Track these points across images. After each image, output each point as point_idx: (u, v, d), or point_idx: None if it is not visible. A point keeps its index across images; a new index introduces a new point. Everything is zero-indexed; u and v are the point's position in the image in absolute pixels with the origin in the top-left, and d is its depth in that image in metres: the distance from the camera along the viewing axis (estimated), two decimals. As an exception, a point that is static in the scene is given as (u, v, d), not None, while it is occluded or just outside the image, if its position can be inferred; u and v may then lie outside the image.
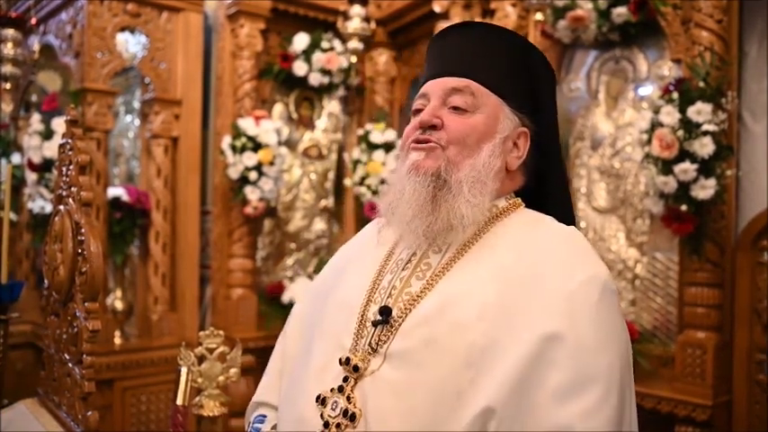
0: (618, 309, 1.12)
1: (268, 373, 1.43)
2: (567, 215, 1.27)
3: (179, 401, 1.68)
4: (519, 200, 1.27)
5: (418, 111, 1.25)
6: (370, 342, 1.15)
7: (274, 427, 1.32)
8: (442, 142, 1.18)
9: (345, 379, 1.13)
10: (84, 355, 1.51)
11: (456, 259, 1.17)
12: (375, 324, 1.16)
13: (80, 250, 1.53)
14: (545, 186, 1.30)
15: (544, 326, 1.04)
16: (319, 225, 4.62)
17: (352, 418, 1.08)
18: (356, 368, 1.12)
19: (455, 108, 1.20)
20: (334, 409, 1.11)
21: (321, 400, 1.13)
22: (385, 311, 1.15)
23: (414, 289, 1.17)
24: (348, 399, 1.10)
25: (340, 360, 1.14)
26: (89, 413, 1.48)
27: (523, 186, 1.29)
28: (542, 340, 1.03)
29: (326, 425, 1.11)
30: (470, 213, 1.15)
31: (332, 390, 1.13)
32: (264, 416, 1.36)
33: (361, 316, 1.19)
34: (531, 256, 1.13)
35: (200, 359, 1.78)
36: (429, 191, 1.16)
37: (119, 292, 4.22)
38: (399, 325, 1.13)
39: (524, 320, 1.05)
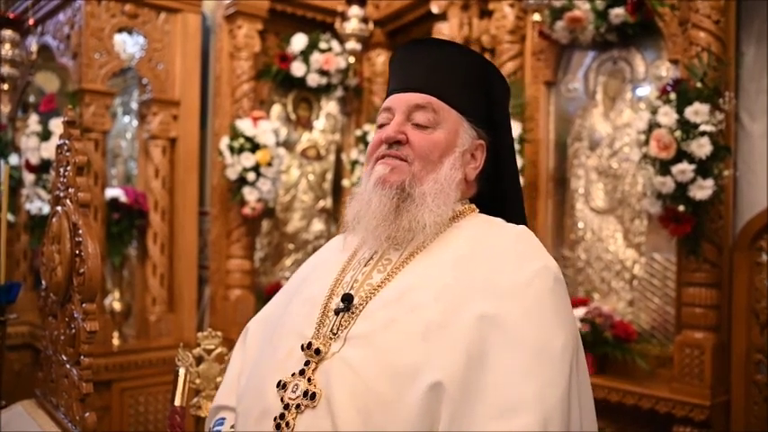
0: (566, 297, 1.20)
1: (226, 380, 1.48)
2: (518, 216, 1.38)
3: (177, 402, 1.67)
4: (473, 205, 1.36)
5: (383, 124, 1.32)
6: (331, 328, 1.20)
7: (233, 426, 1.34)
8: (409, 158, 1.26)
9: (307, 363, 1.17)
10: (82, 356, 1.51)
11: (415, 255, 1.25)
12: (337, 312, 1.22)
13: (78, 251, 1.53)
14: (500, 191, 1.39)
15: (497, 309, 1.10)
16: (318, 226, 4.62)
17: (312, 397, 1.12)
18: (318, 351, 1.17)
19: (418, 124, 1.27)
20: (294, 392, 1.15)
21: (282, 386, 1.17)
22: (347, 298, 1.21)
23: (375, 281, 1.24)
24: (309, 380, 1.15)
25: (302, 346, 1.19)
26: (87, 414, 1.48)
27: (478, 192, 1.38)
28: (495, 322, 1.09)
29: (287, 407, 1.14)
30: (432, 221, 1.23)
31: (293, 374, 1.17)
32: (224, 418, 1.40)
33: (324, 307, 1.25)
34: (486, 251, 1.21)
35: (199, 360, 1.78)
36: (393, 202, 1.24)
37: (117, 293, 4.22)
38: (360, 311, 1.20)
39: (478, 305, 1.12)
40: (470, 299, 1.13)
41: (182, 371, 1.71)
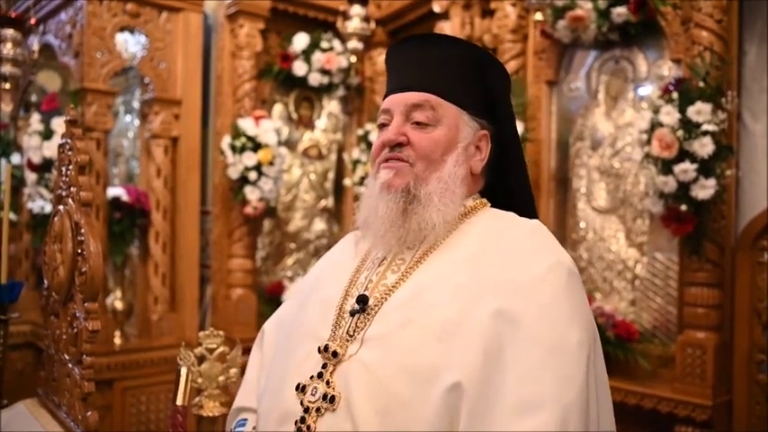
0: (582, 291, 1.18)
1: (246, 381, 1.48)
2: (529, 208, 1.36)
3: (179, 402, 1.67)
4: (485, 200, 1.34)
5: (383, 125, 1.31)
6: (347, 330, 1.20)
7: (255, 428, 1.34)
8: (411, 159, 1.25)
9: (324, 366, 1.17)
10: (84, 356, 1.51)
11: (428, 254, 1.24)
12: (352, 313, 1.21)
13: (80, 250, 1.53)
14: (508, 182, 1.37)
15: (512, 305, 1.10)
16: (319, 225, 4.62)
17: (332, 400, 1.12)
18: (335, 354, 1.16)
19: (417, 123, 1.26)
20: (313, 395, 1.15)
21: (301, 389, 1.17)
22: (362, 300, 1.20)
23: (389, 281, 1.23)
24: (327, 383, 1.14)
25: (319, 349, 1.19)
26: (89, 413, 1.48)
27: (486, 183, 1.36)
28: (511, 319, 1.09)
29: (307, 410, 1.14)
30: (441, 221, 1.22)
31: (311, 377, 1.17)
32: (245, 419, 1.40)
33: (339, 309, 1.24)
34: (499, 247, 1.20)
35: (200, 359, 1.78)
36: (400, 206, 1.23)
37: (119, 293, 4.22)
38: (376, 312, 1.19)
39: (493, 302, 1.11)
40: (485, 297, 1.12)
41: (183, 370, 1.71)
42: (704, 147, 2.56)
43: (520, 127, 3.28)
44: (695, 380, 2.72)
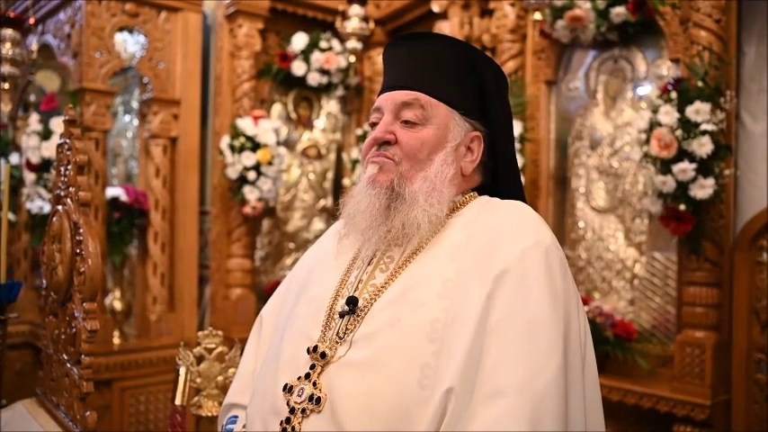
0: (562, 270, 1.16)
1: (239, 376, 1.47)
2: (519, 197, 1.35)
3: (177, 401, 1.67)
4: (475, 193, 1.34)
5: (374, 124, 1.31)
6: (337, 332, 1.20)
7: (245, 426, 1.34)
8: (396, 158, 1.25)
9: (312, 367, 1.17)
10: (83, 356, 1.51)
11: (417, 252, 1.24)
12: (342, 315, 1.21)
13: (78, 250, 1.53)
14: (499, 182, 1.37)
15: (494, 295, 1.10)
16: (318, 225, 4.62)
17: (318, 402, 1.12)
18: (323, 355, 1.17)
19: (406, 122, 1.26)
20: (300, 396, 1.15)
21: (288, 389, 1.17)
22: (351, 301, 1.20)
23: (378, 281, 1.23)
24: (314, 384, 1.15)
25: (308, 349, 1.19)
26: (87, 413, 1.48)
27: (482, 183, 1.36)
28: (490, 306, 1.09)
29: (293, 411, 1.14)
30: (426, 221, 1.21)
31: (299, 378, 1.17)
32: (236, 416, 1.40)
33: (330, 309, 1.24)
34: (483, 232, 1.20)
35: (199, 359, 1.78)
36: (383, 202, 1.23)
37: (117, 293, 4.22)
38: (365, 314, 1.19)
39: (476, 288, 1.11)
40: (470, 290, 1.12)
41: (182, 370, 1.71)
42: (703, 146, 2.56)
43: (519, 127, 3.28)
44: (694, 379, 2.72)
